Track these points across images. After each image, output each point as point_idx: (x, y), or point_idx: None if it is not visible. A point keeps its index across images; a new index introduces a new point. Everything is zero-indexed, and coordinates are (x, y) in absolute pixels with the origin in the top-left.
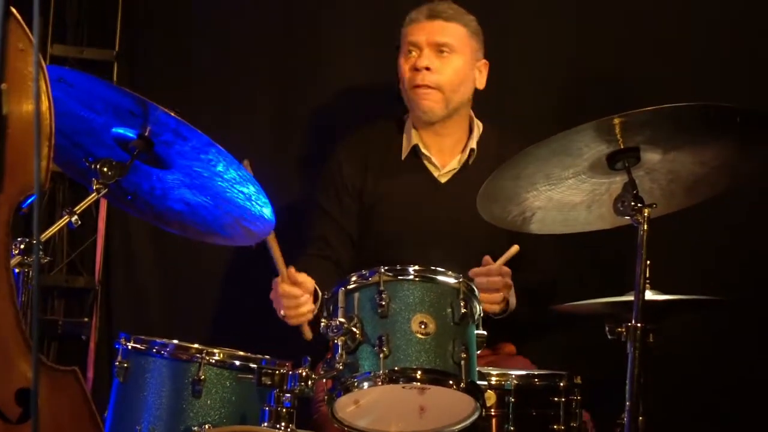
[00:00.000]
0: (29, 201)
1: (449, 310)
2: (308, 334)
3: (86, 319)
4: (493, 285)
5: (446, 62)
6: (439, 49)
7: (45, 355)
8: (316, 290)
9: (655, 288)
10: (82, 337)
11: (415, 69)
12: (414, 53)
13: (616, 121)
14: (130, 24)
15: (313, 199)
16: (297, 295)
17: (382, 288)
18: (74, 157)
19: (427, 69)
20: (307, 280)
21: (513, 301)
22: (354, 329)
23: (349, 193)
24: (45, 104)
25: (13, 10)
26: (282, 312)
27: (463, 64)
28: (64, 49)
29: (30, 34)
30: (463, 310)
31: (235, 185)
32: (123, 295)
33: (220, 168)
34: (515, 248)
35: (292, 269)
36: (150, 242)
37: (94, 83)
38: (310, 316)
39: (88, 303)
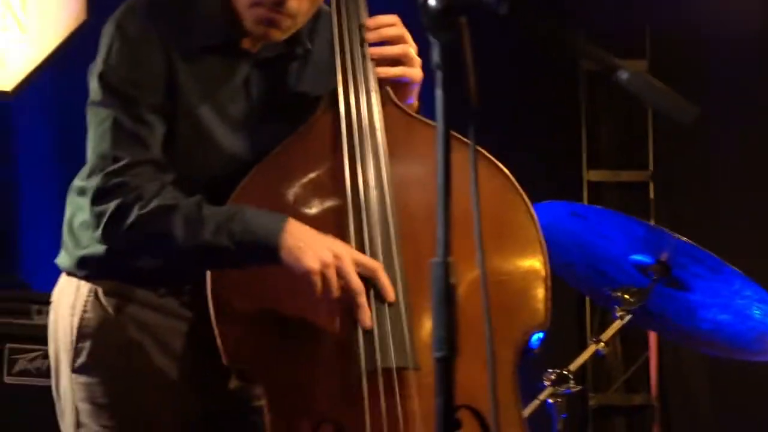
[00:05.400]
0: (536, 341)
1: None
2: None
3: None
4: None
5: None
6: None
7: None
8: None
9: None
10: None
11: None
12: None
13: None
14: (662, 144)
15: None
16: None
17: None
18: (597, 285)
19: None
20: None
21: None
22: None
23: None
24: (538, 249)
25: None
26: None
27: None
28: (599, 174)
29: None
30: None
31: (754, 302)
32: (680, 413)
33: (736, 287)
34: None
35: None
36: (701, 359)
37: (603, 214)
38: None
39: (647, 421)
